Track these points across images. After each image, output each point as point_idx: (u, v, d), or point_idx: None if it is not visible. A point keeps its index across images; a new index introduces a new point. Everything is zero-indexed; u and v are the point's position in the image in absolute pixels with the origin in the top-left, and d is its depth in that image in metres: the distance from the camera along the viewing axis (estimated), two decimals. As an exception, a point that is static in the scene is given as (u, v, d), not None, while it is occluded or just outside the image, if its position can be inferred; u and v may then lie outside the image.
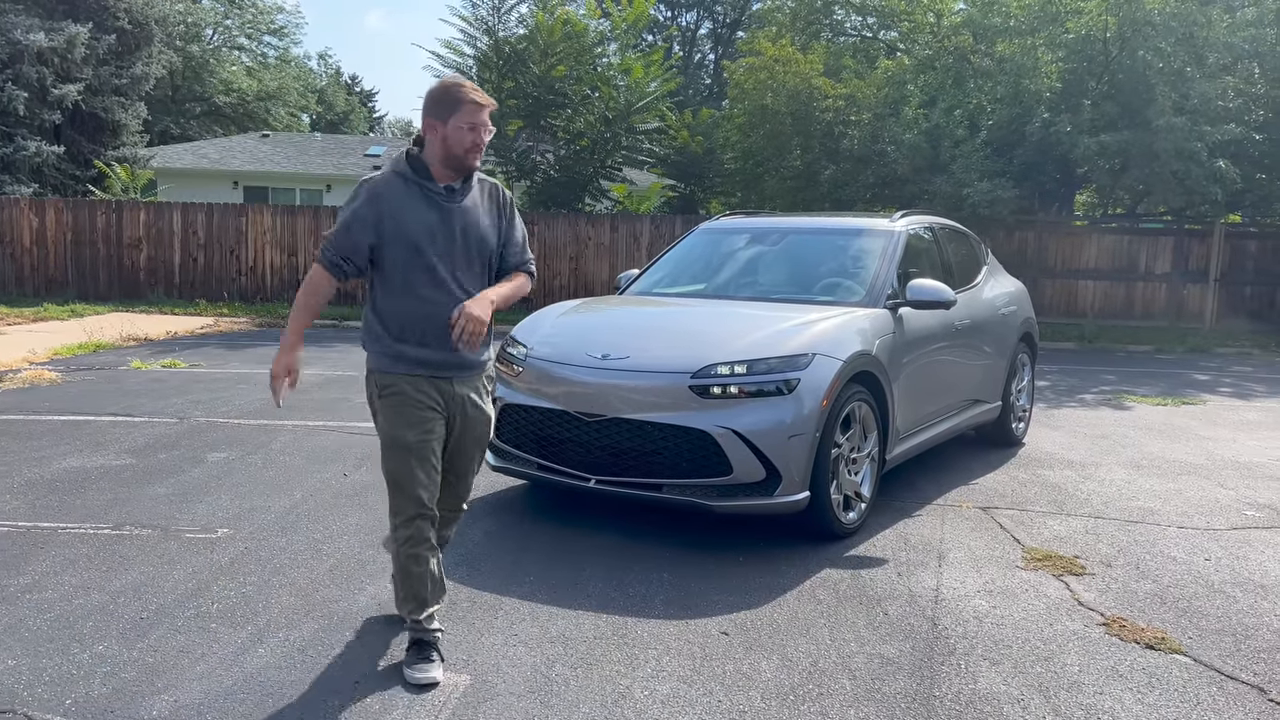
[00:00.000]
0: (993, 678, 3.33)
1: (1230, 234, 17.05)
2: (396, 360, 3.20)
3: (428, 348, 3.19)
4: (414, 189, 3.18)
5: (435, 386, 3.23)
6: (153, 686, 3.12)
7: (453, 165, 3.18)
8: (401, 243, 3.15)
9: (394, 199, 3.16)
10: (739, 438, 4.42)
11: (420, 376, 3.21)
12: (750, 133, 18.06)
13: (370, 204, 3.15)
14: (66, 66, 21.54)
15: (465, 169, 3.21)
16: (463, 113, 3.13)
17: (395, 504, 3.27)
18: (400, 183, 3.19)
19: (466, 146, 3.15)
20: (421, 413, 3.20)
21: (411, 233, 3.14)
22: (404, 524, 3.25)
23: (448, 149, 3.15)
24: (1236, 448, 7.25)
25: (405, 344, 3.19)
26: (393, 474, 3.24)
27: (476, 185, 3.30)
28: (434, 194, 3.20)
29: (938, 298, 5.35)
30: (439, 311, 3.17)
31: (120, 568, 4.18)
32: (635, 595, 4.00)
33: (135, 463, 6.00)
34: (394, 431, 3.21)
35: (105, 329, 12.61)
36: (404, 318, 3.20)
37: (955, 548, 4.71)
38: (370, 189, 3.19)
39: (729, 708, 3.09)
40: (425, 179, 3.19)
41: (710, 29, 44.10)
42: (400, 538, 3.26)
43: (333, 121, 51.26)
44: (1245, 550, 4.77)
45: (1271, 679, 3.36)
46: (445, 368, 3.23)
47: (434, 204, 3.19)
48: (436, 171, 3.20)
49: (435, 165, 3.20)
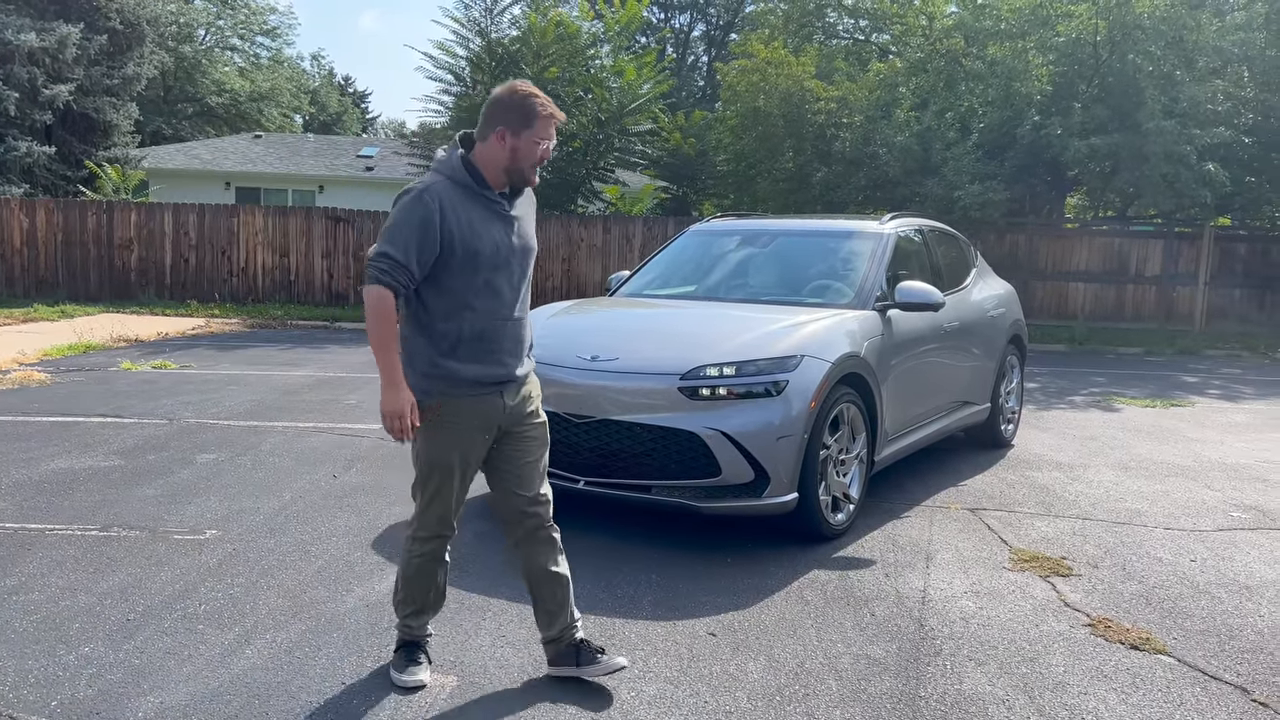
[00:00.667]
0: (978, 678, 3.35)
1: (1220, 236, 17.14)
2: (443, 380, 3.00)
3: (480, 364, 3.02)
4: (474, 198, 2.98)
5: (485, 404, 3.05)
6: (139, 688, 3.12)
7: (514, 178, 3.02)
8: (465, 257, 2.94)
9: (458, 209, 2.94)
10: (727, 439, 4.44)
11: (473, 396, 3.03)
12: (743, 135, 18.09)
13: (434, 211, 2.91)
14: (58, 67, 21.48)
15: (526, 184, 3.06)
16: (538, 128, 2.96)
17: (421, 518, 3.16)
18: (456, 190, 2.97)
19: (534, 161, 3.00)
20: (465, 435, 3.05)
21: (476, 246, 2.95)
22: (424, 540, 3.18)
23: (515, 161, 2.97)
24: (1224, 449, 7.29)
25: (454, 361, 3.00)
26: (425, 492, 3.12)
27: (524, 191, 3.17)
28: (494, 203, 3.02)
29: (926, 300, 5.37)
30: (495, 327, 3.03)
31: (107, 569, 4.17)
32: (623, 596, 4.01)
33: (124, 464, 5.99)
34: (433, 453, 3.06)
35: (95, 330, 12.58)
36: (455, 333, 3.00)
37: (943, 549, 4.73)
38: (429, 196, 2.93)
39: (715, 709, 3.10)
40: (485, 188, 3.00)
41: (704, 31, 44.17)
42: (415, 550, 3.19)
43: (326, 122, 51.17)
44: (1231, 551, 4.80)
45: (1254, 679, 3.38)
46: (495, 383, 3.06)
47: (495, 214, 3.01)
48: (492, 178, 3.01)
49: (492, 172, 3.00)
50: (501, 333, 3.05)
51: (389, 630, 3.62)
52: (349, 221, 17.42)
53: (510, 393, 3.11)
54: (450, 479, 3.08)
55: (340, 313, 16.21)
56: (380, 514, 5.08)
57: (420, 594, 3.24)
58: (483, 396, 3.05)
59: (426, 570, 3.21)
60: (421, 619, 3.27)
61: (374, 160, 27.31)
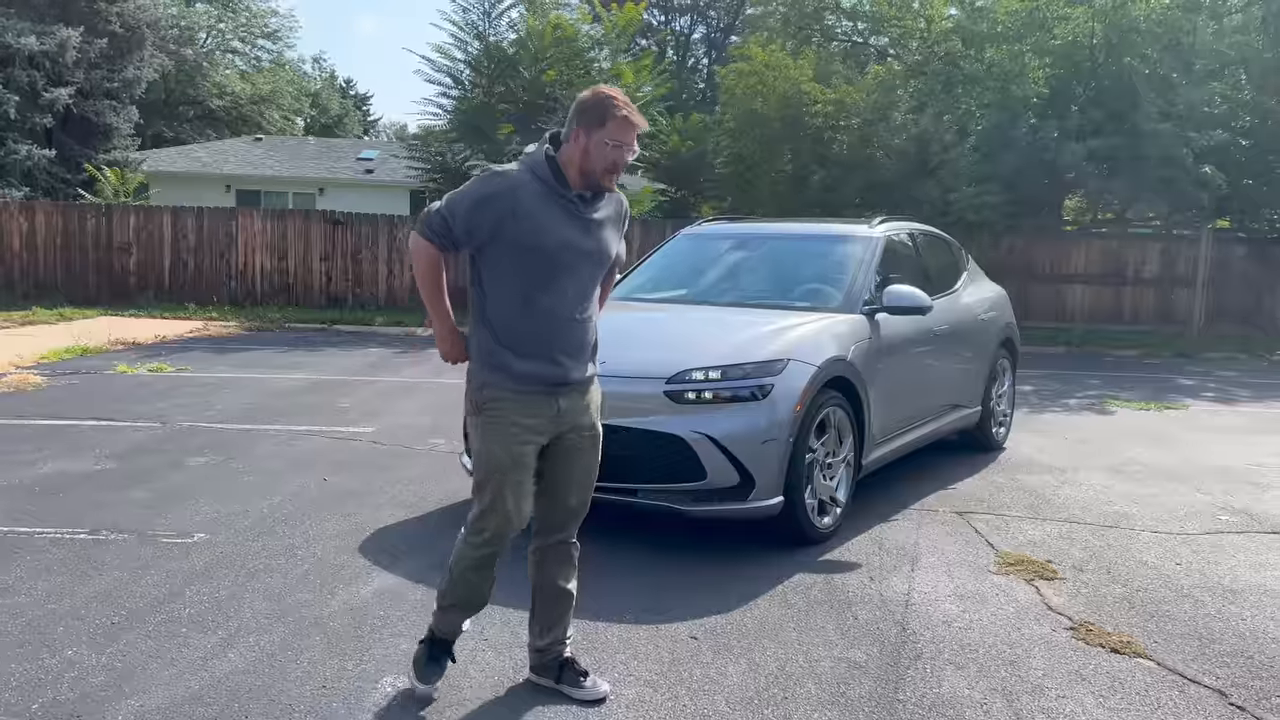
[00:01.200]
0: (957, 681, 3.36)
1: (1218, 239, 17.12)
2: (498, 371, 3.01)
3: (537, 361, 2.99)
4: (552, 196, 2.97)
5: (536, 403, 3.02)
6: (120, 691, 3.13)
7: (587, 180, 2.99)
8: (529, 249, 2.94)
9: (528, 200, 2.94)
10: (713, 443, 4.45)
11: (525, 393, 3.00)
12: (740, 137, 18.11)
13: (500, 192, 2.94)
14: (58, 70, 21.56)
15: (599, 188, 3.02)
16: (610, 128, 2.92)
17: (480, 516, 3.08)
18: (536, 184, 2.96)
19: (606, 165, 2.96)
20: (516, 433, 3.01)
21: (542, 241, 2.94)
22: (481, 544, 3.08)
23: (587, 162, 2.95)
24: (1216, 452, 7.29)
25: (512, 355, 2.99)
26: (482, 489, 3.07)
27: (607, 195, 3.12)
28: (570, 203, 2.99)
29: (914, 304, 5.38)
30: (555, 326, 3.01)
31: (94, 573, 4.19)
32: (607, 600, 4.01)
33: (115, 467, 6.01)
34: (489, 448, 3.03)
35: (93, 333, 12.60)
36: (514, 326, 3.00)
37: (929, 552, 4.74)
38: (505, 181, 2.96)
39: (693, 712, 3.11)
40: (563, 185, 2.99)
41: (704, 33, 44.22)
42: (474, 544, 3.09)
43: (327, 125, 51.23)
44: (1217, 555, 4.81)
45: (1234, 682, 3.39)
46: (552, 383, 3.03)
47: (569, 213, 2.99)
48: (572, 178, 2.99)
49: (571, 172, 2.98)
50: (562, 332, 3.02)
51: (372, 633, 3.65)
52: (346, 224, 17.46)
53: (566, 397, 3.07)
54: (503, 478, 3.01)
55: (338, 315, 16.24)
56: (369, 518, 5.10)
57: (465, 590, 3.16)
58: (535, 395, 3.01)
59: (479, 567, 3.11)
60: (462, 616, 3.22)
61: (374, 163, 27.34)
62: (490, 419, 3.02)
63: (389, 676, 3.30)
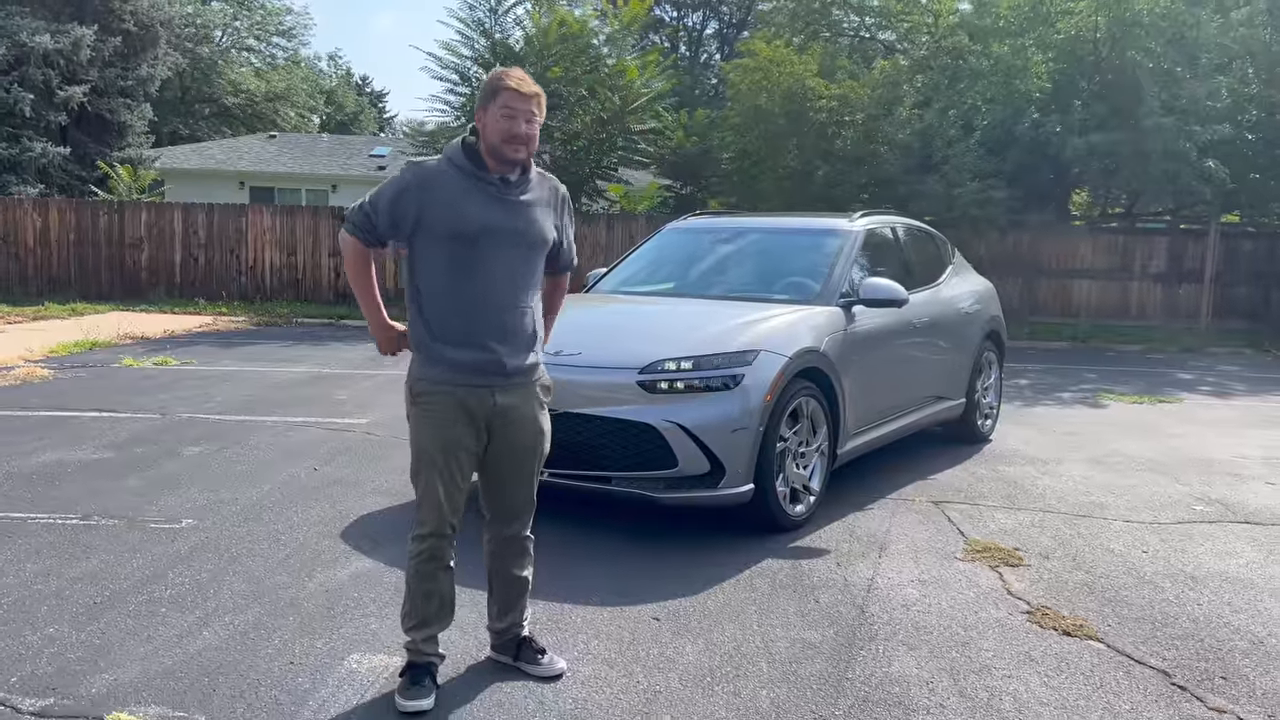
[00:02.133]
0: (907, 661, 3.45)
1: (1226, 234, 17.05)
2: (434, 364, 3.04)
3: (470, 349, 3.02)
4: (469, 179, 3.02)
5: (471, 397, 3.04)
6: (95, 666, 3.27)
7: (497, 158, 3.01)
8: (452, 236, 2.98)
9: (446, 187, 3.00)
10: (684, 431, 4.54)
11: (460, 384, 3.03)
12: (745, 133, 18.15)
13: (411, 185, 3.00)
14: (72, 68, 21.85)
15: (505, 160, 3.02)
16: (501, 98, 2.98)
17: (417, 514, 3.14)
18: (453, 171, 3.03)
19: (503, 135, 2.97)
20: (448, 427, 3.04)
21: (464, 226, 2.98)
22: (419, 538, 3.13)
23: (487, 138, 3.01)
24: (1202, 445, 7.33)
25: (445, 344, 3.03)
26: (417, 485, 3.11)
27: (537, 179, 3.14)
28: (489, 184, 3.03)
29: (890, 296, 5.46)
30: (486, 313, 3.03)
31: (82, 556, 4.33)
32: (577, 585, 4.12)
33: (112, 456, 6.16)
34: (421, 442, 3.08)
35: (102, 328, 12.82)
36: (444, 314, 3.03)
37: (899, 539, 4.82)
38: (421, 172, 3.03)
39: (646, 688, 3.22)
40: (480, 169, 3.03)
41: (716, 29, 44.21)
42: (413, 551, 3.13)
43: (343, 122, 51.56)
44: (1185, 543, 4.87)
45: (1178, 664, 3.46)
46: (486, 373, 3.04)
47: (490, 196, 3.02)
48: (490, 163, 3.03)
49: (487, 156, 3.04)
50: (494, 319, 3.03)
51: (344, 613, 3.77)
52: (355, 220, 17.60)
53: (504, 391, 3.08)
54: (435, 471, 3.05)
55: (346, 311, 16.38)
56: (354, 505, 5.23)
57: (422, 602, 3.14)
58: (470, 388, 3.04)
59: (425, 573, 3.13)
60: (426, 634, 3.16)
61: (386, 160, 27.53)
62: (424, 410, 3.06)
63: (356, 654, 3.42)
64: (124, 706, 3.00)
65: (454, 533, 3.17)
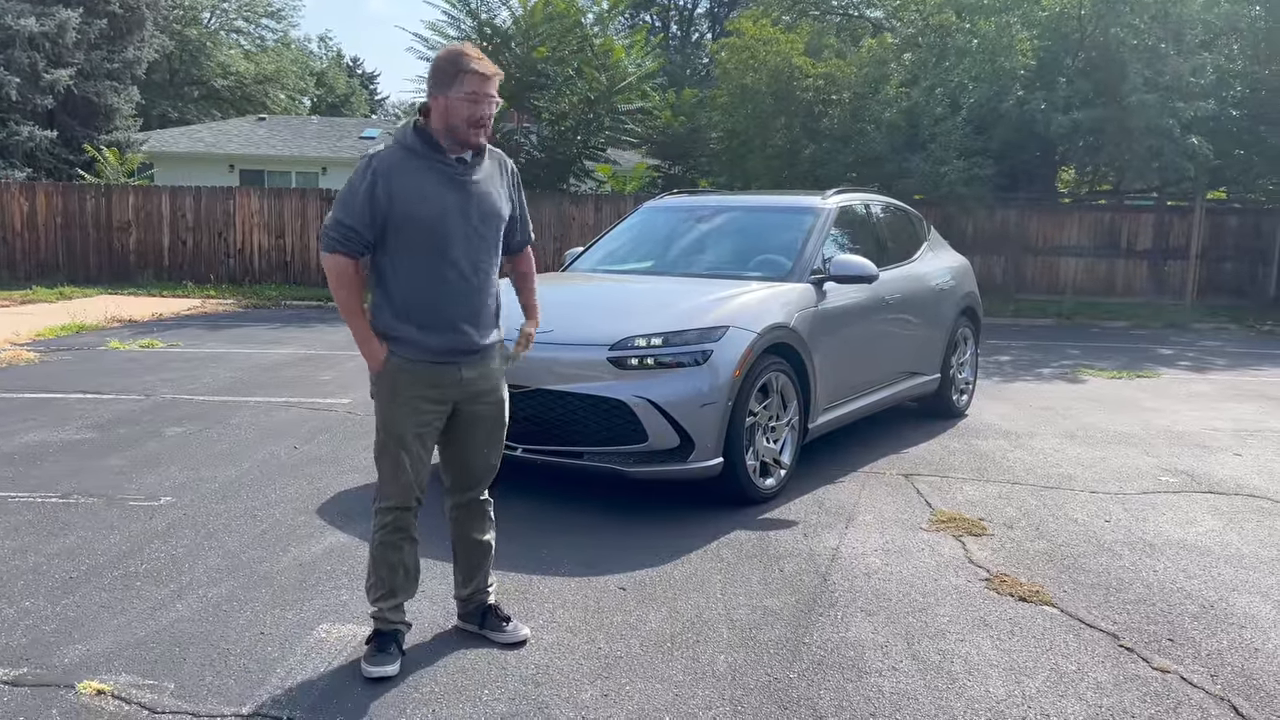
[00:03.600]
0: (864, 627, 3.53)
1: (1211, 210, 17.12)
2: (399, 344, 3.07)
3: (434, 331, 3.06)
4: (424, 163, 3.02)
5: (439, 374, 3.10)
6: (69, 638, 3.34)
7: (456, 139, 3.03)
8: (412, 219, 2.99)
9: (403, 173, 3.00)
10: (654, 407, 4.61)
11: (423, 363, 3.07)
12: (733, 112, 18.15)
13: (377, 177, 2.99)
14: (58, 51, 21.74)
15: (468, 144, 3.04)
16: (464, 82, 2.96)
17: (380, 489, 3.21)
18: (408, 156, 3.03)
19: (467, 119, 2.98)
20: (417, 404, 3.09)
21: (423, 209, 2.99)
22: (384, 511, 3.19)
23: (448, 122, 3.00)
24: (1175, 418, 7.42)
25: (410, 326, 3.06)
26: (381, 460, 3.17)
27: (487, 156, 3.16)
28: (446, 167, 3.04)
29: (860, 272, 5.52)
30: (449, 292, 3.06)
31: (60, 533, 4.40)
32: (546, 557, 4.20)
33: (95, 437, 6.22)
34: (389, 421, 3.12)
35: (90, 311, 12.85)
36: (410, 298, 3.05)
37: (866, 511, 4.91)
38: (382, 159, 3.02)
39: (607, 654, 3.30)
40: (436, 152, 3.04)
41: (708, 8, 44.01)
42: (378, 524, 3.20)
43: (334, 104, 51.34)
44: (1147, 513, 4.96)
45: (1129, 627, 3.56)
46: (451, 353, 3.09)
47: (447, 178, 3.04)
48: (444, 143, 3.04)
49: (441, 136, 3.03)
50: (457, 299, 3.07)
51: (316, 586, 3.85)
52: (343, 202, 17.59)
53: (469, 365, 3.14)
54: (404, 448, 3.11)
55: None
56: (331, 482, 5.30)
57: (388, 573, 3.20)
58: (437, 366, 3.09)
59: (391, 544, 3.19)
60: (393, 604, 3.22)
61: (376, 141, 27.43)
62: (391, 389, 3.10)
63: (325, 624, 3.50)
64: (95, 675, 3.07)
65: (418, 505, 3.25)
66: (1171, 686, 3.12)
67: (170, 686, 3.02)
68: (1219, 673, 3.22)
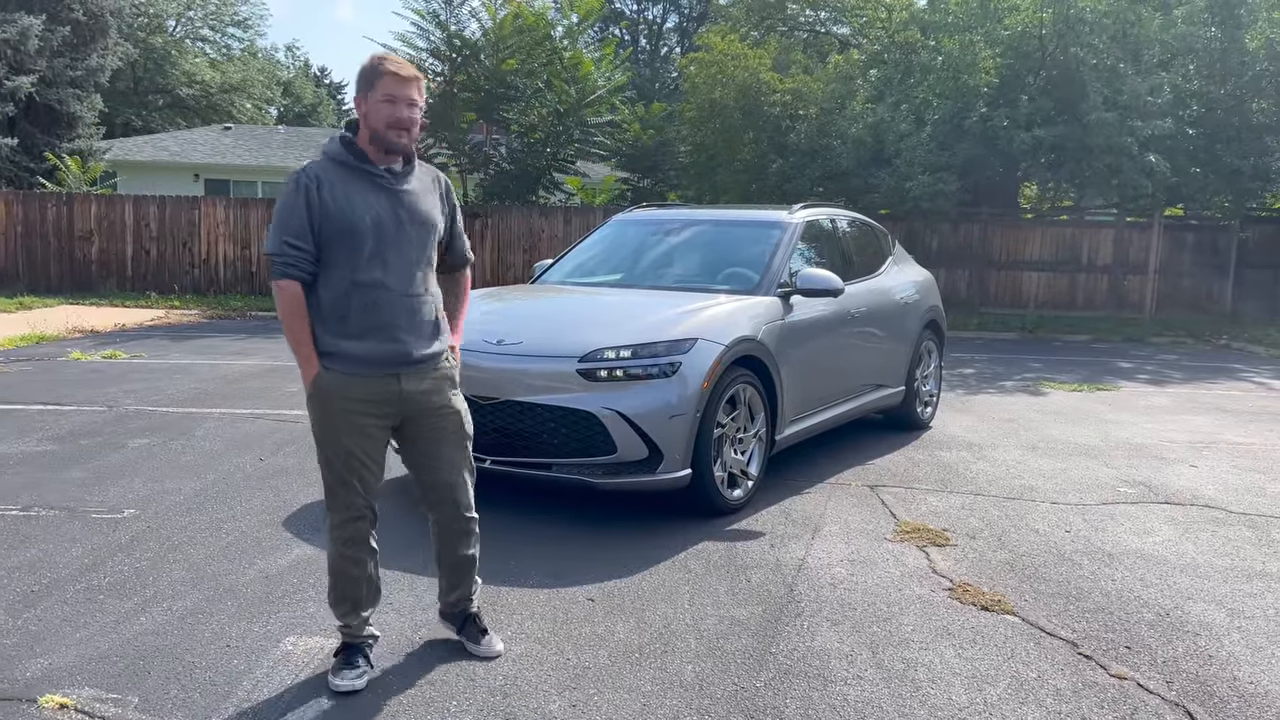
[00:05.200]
0: (829, 636, 3.58)
1: (1169, 226, 17.47)
2: (331, 358, 3.03)
3: (371, 341, 3.03)
4: (352, 173, 3.03)
5: (374, 386, 3.06)
6: (31, 652, 3.30)
7: (378, 144, 3.01)
8: (341, 227, 2.97)
9: (331, 183, 2.99)
10: (623, 418, 4.64)
11: (356, 376, 3.04)
12: (702, 126, 18.29)
13: (308, 190, 2.97)
14: (20, 58, 21.42)
15: (389, 147, 3.02)
16: (381, 86, 2.98)
17: (330, 503, 3.17)
18: (335, 168, 3.03)
19: (386, 120, 2.98)
20: (350, 417, 3.05)
21: (351, 218, 2.97)
22: (339, 525, 3.16)
23: (370, 126, 3.00)
24: (1133, 430, 7.56)
25: (344, 339, 3.02)
26: (326, 475, 3.14)
27: (419, 169, 3.17)
28: (375, 176, 3.04)
29: (826, 286, 5.59)
30: (381, 301, 3.02)
31: (21, 546, 4.34)
32: (515, 568, 4.21)
33: (56, 449, 6.14)
34: (326, 435, 3.08)
35: (51, 321, 12.66)
36: (342, 309, 3.01)
37: (832, 522, 4.96)
38: (312, 172, 3.01)
39: (575, 665, 3.32)
40: (363, 161, 3.04)
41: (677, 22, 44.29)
42: (335, 537, 3.17)
43: (301, 114, 51.01)
44: (1106, 523, 5.05)
45: (1087, 635, 3.63)
46: (384, 363, 3.06)
47: (377, 187, 3.03)
48: (372, 154, 3.04)
49: (368, 146, 3.04)
50: (393, 308, 3.04)
51: (282, 598, 3.83)
52: (310, 213, 17.48)
53: (408, 377, 3.10)
54: (344, 461, 3.08)
55: (301, 304, 16.29)
56: (297, 494, 5.27)
57: (350, 587, 3.19)
58: (373, 378, 3.05)
59: (349, 558, 3.17)
60: (358, 617, 3.22)
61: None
62: (324, 402, 3.06)
63: (292, 636, 3.48)
64: (58, 689, 3.04)
65: (372, 514, 3.21)
66: (1129, 693, 3.19)
67: (134, 700, 3.00)
68: (1174, 679, 3.29)
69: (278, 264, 3.00)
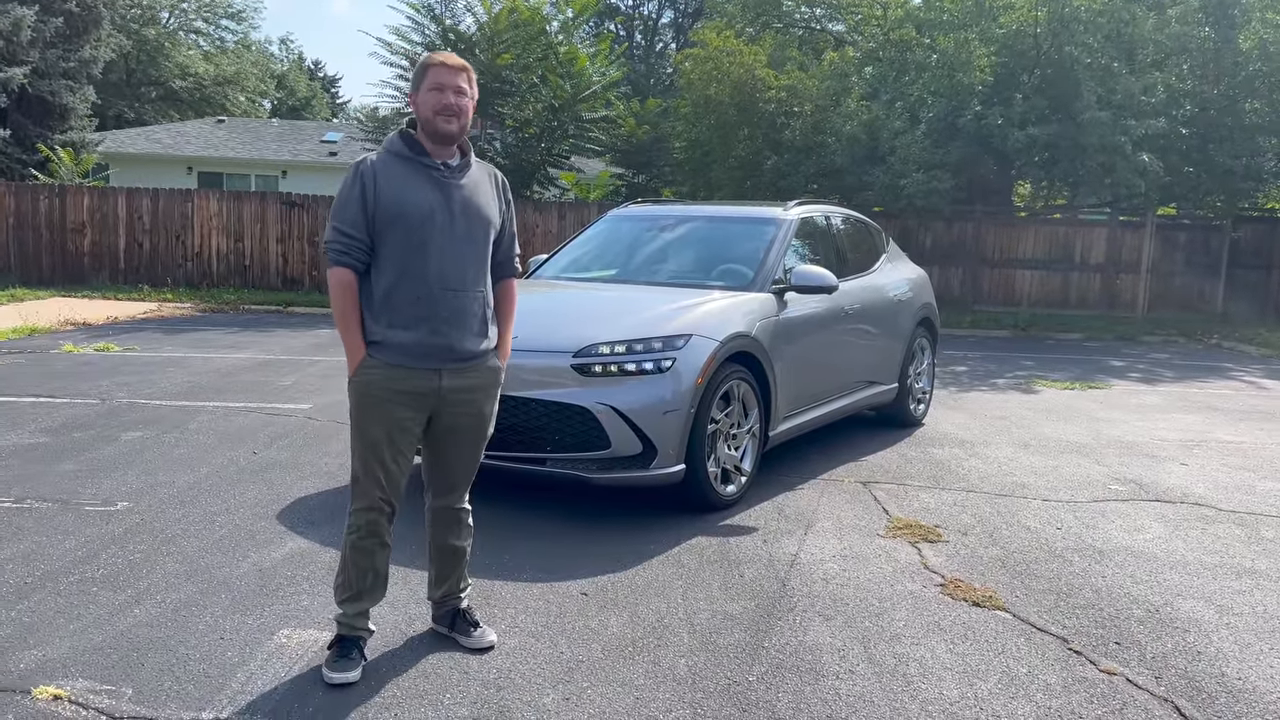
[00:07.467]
0: (822, 631, 3.59)
1: (1162, 226, 17.54)
2: (377, 347, 3.09)
3: (417, 331, 3.07)
4: (411, 166, 3.11)
5: (416, 379, 3.11)
6: (24, 643, 3.30)
7: (430, 133, 3.10)
8: (396, 218, 3.05)
9: (390, 177, 3.08)
10: (617, 413, 4.65)
11: (400, 367, 3.09)
12: (696, 123, 18.28)
13: (365, 181, 3.07)
14: (12, 49, 21.31)
15: (439, 134, 3.10)
16: (429, 77, 3.09)
17: (354, 489, 3.20)
18: (395, 161, 3.12)
19: (435, 108, 3.07)
20: (390, 408, 3.09)
21: (407, 207, 3.05)
22: (357, 512, 3.19)
23: (423, 117, 3.09)
24: (1125, 428, 7.60)
25: (392, 329, 3.08)
26: (354, 462, 3.18)
27: (476, 165, 3.24)
28: (432, 169, 3.12)
29: (820, 283, 5.61)
30: (433, 295, 3.07)
31: (14, 538, 4.34)
32: (509, 563, 4.22)
33: (49, 441, 6.13)
34: (361, 422, 3.13)
35: (43, 314, 12.62)
36: (393, 300, 3.07)
37: (825, 517, 4.98)
38: (370, 164, 3.11)
39: (568, 658, 3.33)
40: (419, 154, 3.12)
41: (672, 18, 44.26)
42: (351, 524, 3.21)
43: (294, 107, 50.85)
44: (1097, 520, 5.08)
45: (1078, 631, 3.65)
46: (430, 357, 3.11)
47: (434, 181, 3.11)
48: (429, 147, 3.13)
49: (426, 141, 3.13)
50: (439, 301, 3.08)
51: (277, 591, 3.83)
52: (304, 206, 17.47)
53: (452, 374, 3.15)
54: (376, 452, 3.11)
55: (294, 297, 16.28)
56: (291, 487, 5.27)
57: (357, 576, 3.21)
58: (415, 370, 3.10)
59: (363, 548, 3.19)
60: (358, 608, 3.23)
61: (337, 145, 27.28)
62: (366, 392, 3.11)
63: (286, 629, 3.49)
64: (52, 680, 3.04)
65: (393, 510, 3.24)
66: (1118, 688, 3.21)
67: (128, 692, 3.00)
68: (1163, 675, 3.32)
69: (332, 251, 3.09)
